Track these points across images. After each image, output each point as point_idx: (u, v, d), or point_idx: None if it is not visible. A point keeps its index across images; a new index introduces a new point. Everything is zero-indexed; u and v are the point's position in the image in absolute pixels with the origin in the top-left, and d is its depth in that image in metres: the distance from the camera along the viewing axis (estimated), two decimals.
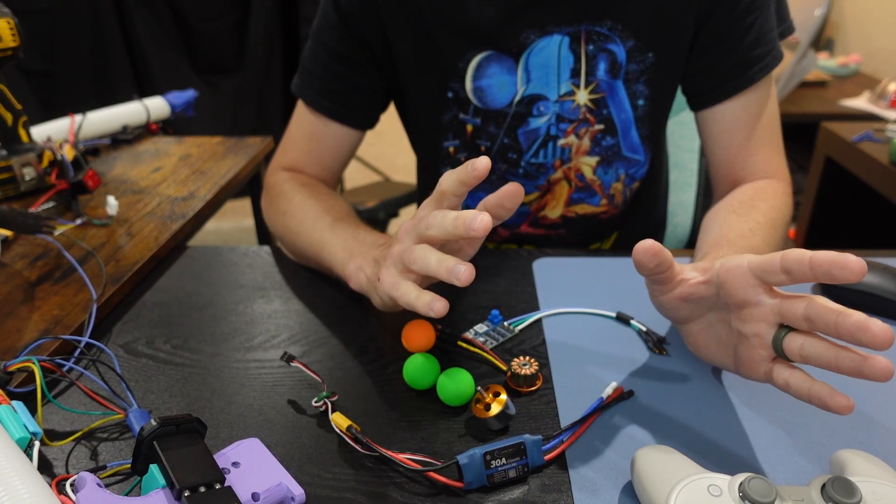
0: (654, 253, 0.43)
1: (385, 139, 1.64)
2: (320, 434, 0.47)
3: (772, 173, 0.69)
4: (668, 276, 0.45)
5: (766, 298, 0.40)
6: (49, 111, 1.68)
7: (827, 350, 0.37)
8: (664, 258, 0.43)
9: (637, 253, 0.43)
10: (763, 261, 0.39)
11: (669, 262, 0.44)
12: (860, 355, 0.35)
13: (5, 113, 0.84)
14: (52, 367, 0.50)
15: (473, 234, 0.40)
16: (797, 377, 0.39)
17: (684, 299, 0.46)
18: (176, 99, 1.19)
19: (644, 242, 0.42)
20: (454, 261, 0.41)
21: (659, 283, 0.46)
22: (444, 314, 0.41)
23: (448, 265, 0.41)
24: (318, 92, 0.75)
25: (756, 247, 0.56)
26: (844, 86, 2.24)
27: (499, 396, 0.46)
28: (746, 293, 0.41)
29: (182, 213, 0.81)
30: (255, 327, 0.60)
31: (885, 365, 0.35)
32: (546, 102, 0.70)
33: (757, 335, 0.41)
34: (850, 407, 0.36)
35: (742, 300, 0.41)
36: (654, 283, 0.47)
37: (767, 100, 0.69)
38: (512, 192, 0.44)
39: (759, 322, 0.41)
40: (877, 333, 0.34)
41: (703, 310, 0.47)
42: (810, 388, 0.38)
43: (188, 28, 1.98)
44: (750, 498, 0.34)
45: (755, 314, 0.41)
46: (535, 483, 0.42)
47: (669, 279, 0.45)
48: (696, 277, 0.45)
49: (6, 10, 0.80)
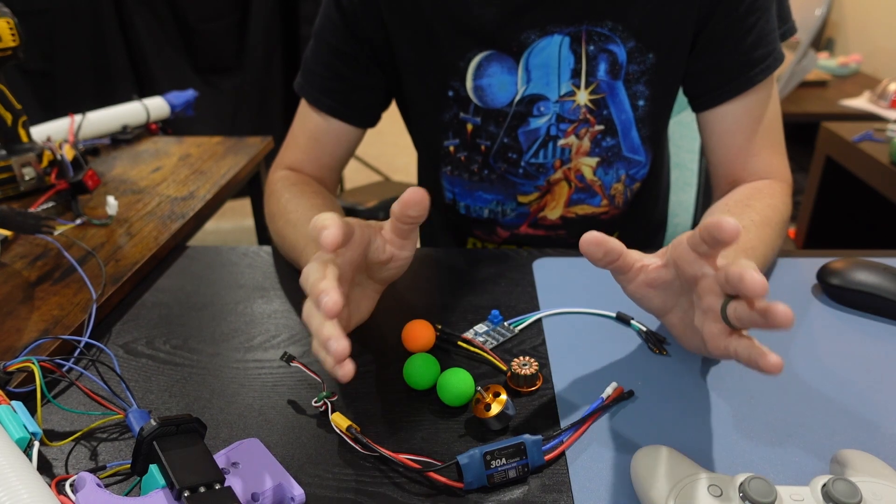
0: (598, 243, 0.44)
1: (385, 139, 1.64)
2: (320, 434, 0.47)
3: (772, 174, 0.69)
4: (622, 264, 0.46)
5: (709, 270, 0.42)
6: (49, 111, 1.69)
7: (745, 307, 0.39)
8: (610, 247, 0.44)
9: (583, 245, 0.44)
10: (692, 233, 0.42)
11: (618, 251, 0.45)
12: (764, 305, 0.37)
13: (5, 113, 0.84)
14: (51, 368, 0.50)
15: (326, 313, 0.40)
16: (742, 343, 0.40)
17: (650, 286, 0.47)
18: (176, 99, 1.19)
19: (588, 234, 0.44)
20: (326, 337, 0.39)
21: (619, 273, 0.47)
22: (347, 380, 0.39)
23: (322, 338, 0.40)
24: (320, 90, 0.75)
25: (750, 243, 0.56)
26: (845, 86, 2.24)
27: (499, 396, 0.46)
28: (693, 267, 0.43)
29: (182, 213, 0.81)
30: (255, 327, 0.60)
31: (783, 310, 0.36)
32: (546, 102, 0.70)
33: (710, 308, 0.42)
34: (778, 364, 0.37)
35: (692, 275, 0.43)
36: (615, 274, 0.48)
37: (769, 101, 0.69)
38: (414, 200, 0.45)
39: (709, 294, 0.42)
40: (747, 280, 0.37)
41: (673, 297, 0.47)
42: (749, 352, 0.39)
43: (188, 28, 1.98)
44: (750, 498, 0.34)
45: (705, 287, 0.43)
46: (535, 483, 0.42)
47: (625, 268, 0.46)
48: (654, 262, 0.47)
49: (6, 9, 0.80)
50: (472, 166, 0.77)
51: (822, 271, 0.62)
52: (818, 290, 0.63)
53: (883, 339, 0.56)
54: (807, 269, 0.66)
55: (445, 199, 0.83)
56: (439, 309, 0.62)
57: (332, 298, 0.40)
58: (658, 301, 0.48)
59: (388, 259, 0.51)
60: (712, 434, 0.46)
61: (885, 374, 0.51)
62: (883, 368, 0.52)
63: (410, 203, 0.46)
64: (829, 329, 0.57)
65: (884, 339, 0.56)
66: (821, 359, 0.53)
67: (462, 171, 0.78)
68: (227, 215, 2.42)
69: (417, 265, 0.71)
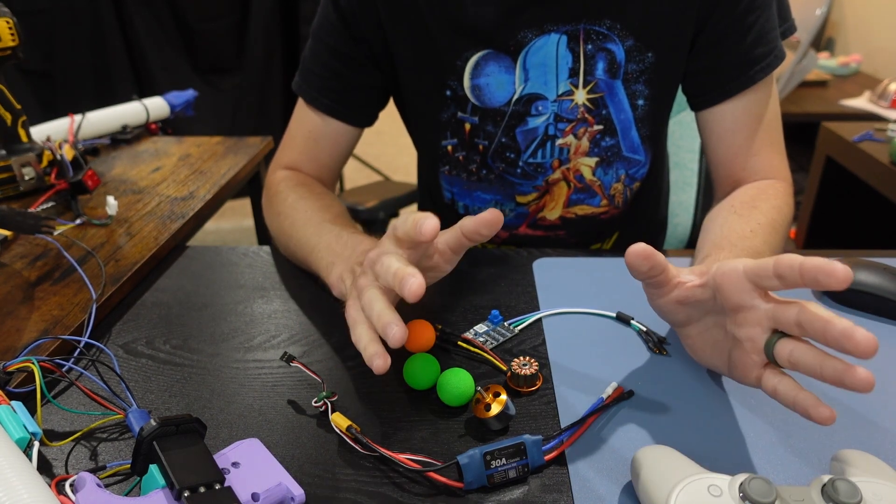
0: (646, 256, 0.43)
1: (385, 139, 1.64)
2: (320, 434, 0.47)
3: (773, 173, 0.69)
4: (663, 279, 0.45)
5: (761, 303, 0.40)
6: (49, 111, 1.68)
7: (814, 357, 0.37)
8: (657, 262, 0.43)
9: (629, 256, 0.43)
10: (757, 265, 0.40)
11: (663, 266, 0.44)
12: (843, 364, 0.35)
13: (5, 113, 0.84)
14: (51, 368, 0.49)
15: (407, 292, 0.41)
16: (785, 384, 0.39)
17: (681, 303, 0.46)
18: (175, 99, 1.19)
19: (636, 246, 0.43)
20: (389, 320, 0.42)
21: (654, 287, 0.46)
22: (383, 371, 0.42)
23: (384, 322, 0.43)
24: (318, 90, 0.75)
25: (757, 248, 0.56)
26: (845, 86, 2.24)
27: (499, 396, 0.46)
28: (742, 297, 0.41)
29: (182, 212, 0.81)
30: (255, 327, 0.60)
31: (865, 376, 0.35)
32: (544, 102, 0.70)
33: (750, 339, 0.41)
34: (831, 418, 0.36)
35: (737, 304, 0.42)
36: (650, 287, 0.47)
37: (769, 100, 0.69)
38: (489, 221, 0.45)
39: (754, 326, 0.41)
40: (859, 342, 0.34)
41: (700, 313, 0.47)
42: (796, 396, 0.38)
43: (188, 28, 1.98)
44: (750, 498, 0.34)
45: (749, 318, 0.41)
46: (535, 483, 0.42)
47: (664, 282, 0.45)
48: (692, 281, 0.45)
49: (5, 9, 0.80)
50: (470, 166, 0.77)
51: None
52: (818, 291, 0.63)
53: (883, 339, 0.56)
54: None
55: (444, 198, 0.83)
56: (439, 309, 0.62)
57: (419, 281, 0.41)
58: (683, 315, 0.47)
59: (432, 268, 0.51)
60: (712, 434, 0.46)
61: (885, 374, 0.51)
62: (883, 368, 0.52)
63: (487, 223, 0.45)
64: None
65: (884, 339, 0.56)
66: None
67: (460, 170, 0.78)
68: (227, 215, 2.43)
69: None
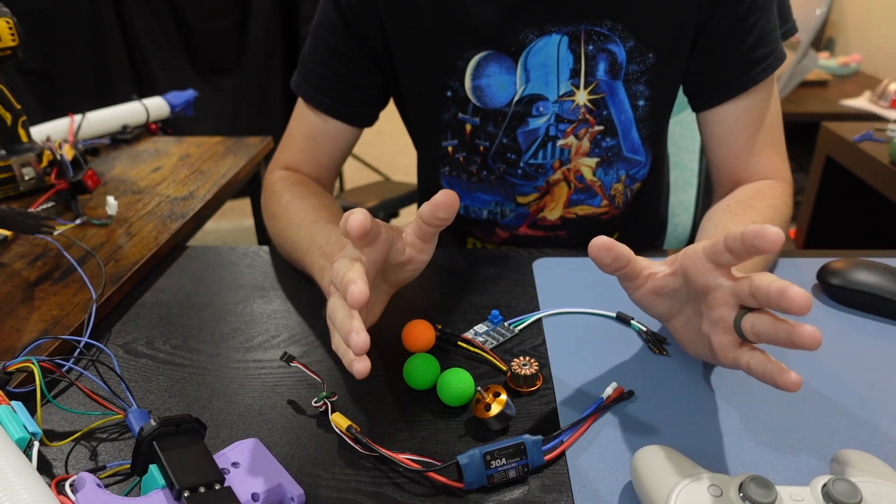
0: (607, 248, 0.43)
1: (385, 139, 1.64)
2: (320, 434, 0.47)
3: (773, 174, 0.69)
4: (630, 270, 0.45)
5: (724, 281, 0.42)
6: (49, 111, 1.68)
7: (769, 322, 0.38)
8: (619, 253, 0.44)
9: (592, 249, 0.44)
10: (712, 244, 0.41)
11: (627, 258, 0.44)
12: (791, 324, 0.37)
13: (5, 113, 0.84)
14: (51, 368, 0.49)
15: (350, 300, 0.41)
16: (756, 357, 0.40)
17: (656, 293, 0.47)
18: (175, 99, 1.19)
19: (597, 239, 0.43)
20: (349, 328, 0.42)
21: (626, 280, 0.47)
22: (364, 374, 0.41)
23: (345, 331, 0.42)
24: (317, 89, 0.75)
25: None
26: (845, 86, 2.23)
27: (499, 396, 0.46)
28: (706, 278, 0.42)
29: (181, 212, 0.81)
30: (255, 327, 0.60)
31: (811, 331, 0.36)
32: (545, 103, 0.70)
33: (722, 319, 0.42)
34: (797, 383, 0.37)
35: (704, 286, 0.43)
36: (623, 281, 0.48)
37: (769, 100, 0.69)
38: (444, 202, 0.45)
39: (722, 306, 0.42)
40: (793, 298, 0.36)
41: (679, 304, 0.47)
42: (765, 367, 0.38)
43: (188, 28, 1.98)
44: (750, 498, 0.34)
45: (718, 299, 0.42)
46: (535, 483, 0.42)
47: (633, 274, 0.46)
48: (663, 270, 0.46)
49: (5, 9, 0.80)
50: (470, 167, 0.76)
51: (822, 271, 0.62)
52: (818, 290, 0.63)
53: (883, 339, 0.56)
54: (807, 269, 0.66)
55: None
56: (439, 309, 0.62)
57: (360, 288, 0.41)
58: (664, 308, 0.48)
59: (407, 261, 0.51)
60: (712, 434, 0.46)
61: (885, 374, 0.51)
62: (883, 368, 0.52)
63: (441, 205, 0.46)
64: (829, 329, 0.57)
65: (884, 339, 0.56)
66: (821, 359, 0.53)
67: (461, 171, 0.78)
68: (227, 215, 2.43)
69: None
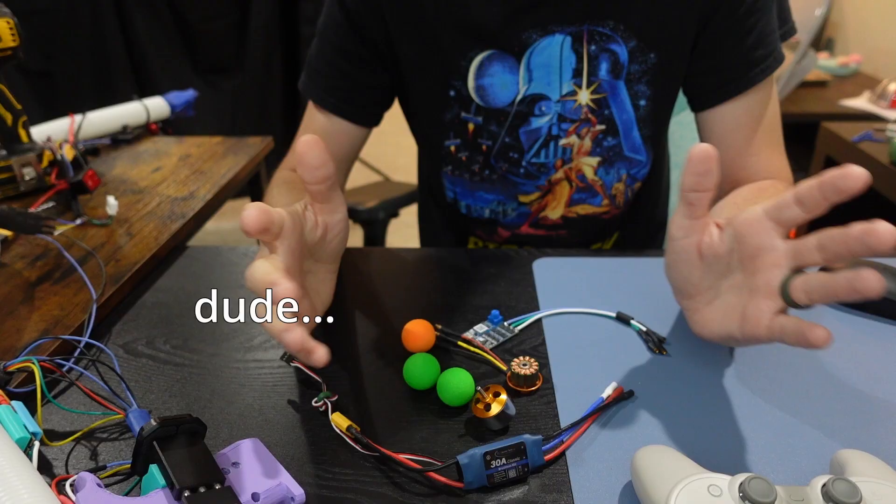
0: (711, 157, 0.42)
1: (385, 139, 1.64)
2: (320, 434, 0.47)
3: (773, 173, 0.69)
4: (707, 199, 0.44)
5: (780, 243, 0.41)
6: (49, 111, 1.68)
7: (825, 278, 0.38)
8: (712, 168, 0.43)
9: (695, 150, 0.42)
10: (777, 201, 0.41)
11: (716, 182, 0.43)
12: (852, 273, 0.37)
13: (5, 113, 0.84)
14: (51, 368, 0.50)
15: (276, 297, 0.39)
16: (791, 320, 0.40)
17: (700, 251, 0.45)
18: (176, 99, 1.19)
19: (701, 145, 0.42)
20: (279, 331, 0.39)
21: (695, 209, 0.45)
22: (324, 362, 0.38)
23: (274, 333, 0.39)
24: (324, 89, 0.75)
25: None
26: (844, 86, 2.23)
27: (499, 396, 0.46)
28: (761, 238, 0.42)
29: (182, 213, 0.81)
30: (255, 327, 0.60)
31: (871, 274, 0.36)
32: (548, 102, 0.70)
33: (767, 283, 0.42)
34: (826, 338, 0.37)
35: (757, 247, 0.42)
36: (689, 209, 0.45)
37: (769, 101, 0.69)
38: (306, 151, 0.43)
39: (771, 269, 0.41)
40: (881, 232, 0.35)
41: (711, 278, 0.45)
42: (797, 327, 0.39)
43: (188, 28, 1.98)
44: (750, 498, 0.34)
45: (768, 261, 0.42)
46: (535, 483, 0.42)
47: (703, 208, 0.44)
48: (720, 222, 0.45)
49: (6, 9, 0.80)
50: (473, 166, 0.77)
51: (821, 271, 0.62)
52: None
53: (883, 339, 0.56)
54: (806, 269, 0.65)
55: (447, 198, 0.83)
56: (439, 309, 0.62)
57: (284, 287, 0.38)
58: (696, 275, 0.46)
59: (324, 231, 0.48)
60: (712, 434, 0.46)
61: (885, 374, 0.51)
62: (883, 368, 0.52)
63: (306, 155, 0.43)
64: (829, 329, 0.57)
65: (884, 339, 0.56)
66: (821, 359, 0.53)
67: (463, 170, 0.78)
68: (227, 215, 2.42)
69: (417, 265, 0.71)
